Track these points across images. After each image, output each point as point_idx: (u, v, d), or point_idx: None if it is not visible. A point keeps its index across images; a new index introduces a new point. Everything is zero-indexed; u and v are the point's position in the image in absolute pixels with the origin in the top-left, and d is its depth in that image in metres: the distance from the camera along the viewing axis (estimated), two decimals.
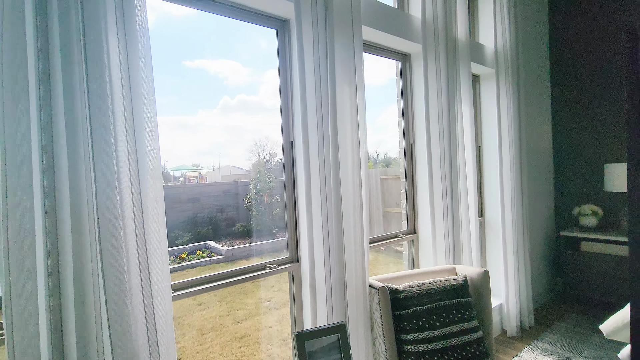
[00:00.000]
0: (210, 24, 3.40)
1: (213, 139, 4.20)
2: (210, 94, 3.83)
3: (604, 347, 2.26)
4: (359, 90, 1.58)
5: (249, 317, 3.54)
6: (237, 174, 5.25)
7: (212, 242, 4.56)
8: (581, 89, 3.16)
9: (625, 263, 2.67)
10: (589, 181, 3.14)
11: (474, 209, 2.16)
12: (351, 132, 1.56)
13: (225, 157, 4.63)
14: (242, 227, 4.93)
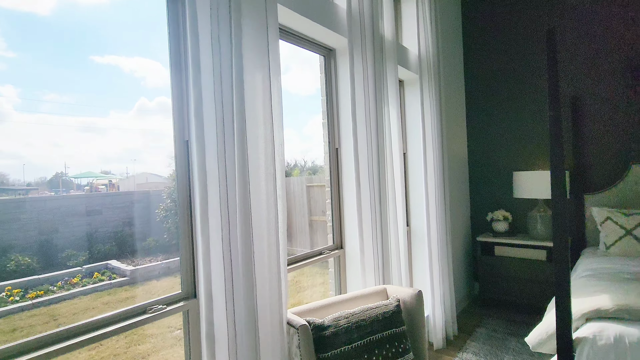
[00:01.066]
0: (125, 17, 2.83)
1: (127, 143, 3.54)
2: (124, 94, 3.28)
3: (520, 352, 2.30)
4: (274, 78, 1.27)
5: None
6: (155, 182, 4.52)
7: (114, 261, 3.82)
8: (492, 99, 3.34)
9: (533, 266, 2.83)
10: (500, 188, 3.31)
11: (402, 219, 2.02)
12: (264, 129, 1.25)
13: (141, 163, 3.94)
14: (154, 242, 4.25)
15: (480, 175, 3.43)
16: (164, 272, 3.90)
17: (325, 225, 2.07)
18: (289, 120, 5.50)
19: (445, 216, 2.53)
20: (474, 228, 3.47)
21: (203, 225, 1.09)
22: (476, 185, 3.46)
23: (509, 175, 3.23)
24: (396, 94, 2.02)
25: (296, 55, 5.71)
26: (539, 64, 3.08)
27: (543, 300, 2.75)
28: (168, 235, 4.05)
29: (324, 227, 2.07)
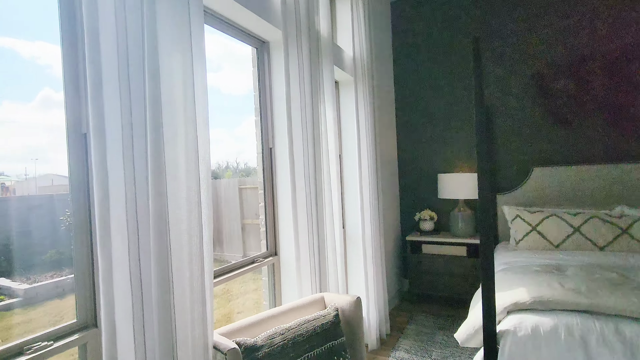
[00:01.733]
0: None
1: (28, 140, 2.91)
2: (23, 83, 2.70)
3: (447, 345, 2.42)
4: (198, 65, 1.10)
5: None
6: (63, 184, 3.89)
7: (3, 279, 3.15)
8: (419, 105, 3.52)
9: (455, 261, 3.02)
10: (426, 189, 3.49)
11: (339, 222, 1.97)
12: (186, 124, 1.07)
13: (45, 163, 3.28)
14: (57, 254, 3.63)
15: (408, 176, 3.59)
16: (71, 288, 3.35)
17: (259, 229, 1.93)
18: (221, 120, 5.17)
19: (379, 217, 2.56)
20: (403, 228, 3.61)
21: (103, 237, 0.88)
22: (405, 186, 3.60)
23: (435, 177, 3.42)
24: (332, 93, 1.97)
25: (229, 54, 5.40)
26: (462, 74, 3.32)
27: (465, 293, 2.96)
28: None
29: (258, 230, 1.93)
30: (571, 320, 1.42)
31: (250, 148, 2.01)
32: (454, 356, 2.27)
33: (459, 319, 2.82)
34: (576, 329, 1.39)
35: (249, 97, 1.93)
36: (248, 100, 1.97)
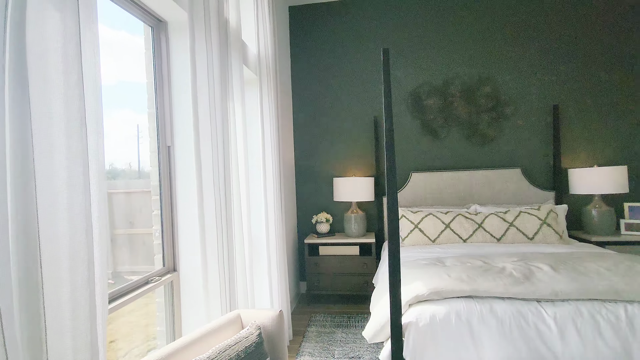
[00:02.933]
0: None
1: None
2: None
3: (346, 342, 2.52)
4: (86, 26, 0.83)
5: None
6: None
7: None
8: (317, 110, 3.62)
9: (349, 261, 3.19)
10: (323, 192, 3.61)
11: (247, 229, 1.82)
12: (66, 106, 0.79)
13: None
14: None
15: (306, 180, 3.64)
16: None
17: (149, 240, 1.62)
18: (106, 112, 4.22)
19: (282, 222, 2.50)
20: (300, 231, 3.64)
21: None
22: (302, 189, 3.65)
23: (330, 180, 3.57)
24: (242, 90, 1.82)
25: (114, 40, 4.50)
26: (358, 82, 3.55)
27: (358, 289, 3.16)
28: None
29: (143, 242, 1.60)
30: (459, 306, 1.64)
31: (141, 145, 1.68)
32: (354, 351, 2.39)
33: (355, 315, 3.00)
34: (463, 313, 1.62)
35: (117, 87, 1.62)
36: (118, 90, 1.64)
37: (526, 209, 2.86)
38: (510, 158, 3.32)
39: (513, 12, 3.29)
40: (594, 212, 2.93)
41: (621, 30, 3.14)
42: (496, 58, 3.32)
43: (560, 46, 3.23)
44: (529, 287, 1.66)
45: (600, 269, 1.79)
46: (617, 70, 3.15)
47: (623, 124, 3.16)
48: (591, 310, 1.55)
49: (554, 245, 2.59)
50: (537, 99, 3.27)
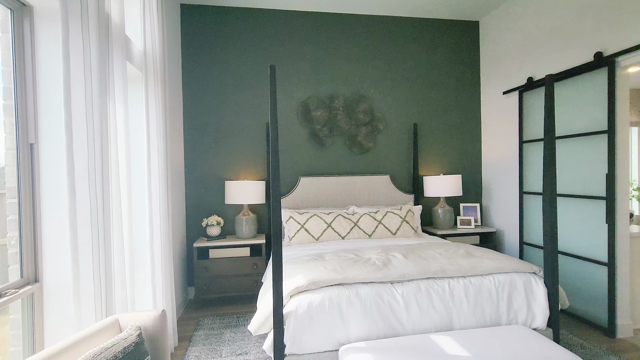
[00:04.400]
0: None
1: None
2: None
3: (234, 340, 2.60)
4: None
5: None
6: None
7: None
8: (207, 113, 3.58)
9: (240, 262, 3.26)
10: (214, 195, 3.59)
11: (129, 234, 1.75)
12: None
13: None
14: None
15: (197, 183, 3.57)
16: None
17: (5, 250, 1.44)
18: None
19: (169, 226, 2.43)
20: (189, 234, 3.54)
21: None
22: (192, 192, 3.56)
23: (222, 183, 3.58)
24: (124, 87, 1.75)
25: None
26: (250, 88, 3.65)
27: (249, 289, 3.25)
28: None
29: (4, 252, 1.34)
30: (331, 293, 1.92)
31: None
32: (242, 348, 2.48)
33: (245, 314, 3.08)
34: (334, 298, 1.89)
35: None
36: None
37: (391, 209, 3.41)
38: (382, 166, 3.90)
39: (384, 44, 3.89)
40: (440, 211, 3.68)
41: (464, 64, 4.04)
42: (372, 80, 3.87)
43: (420, 75, 3.96)
44: (386, 272, 2.04)
45: (435, 254, 2.32)
46: (459, 98, 4.04)
47: (460, 141, 4.05)
48: (427, 287, 2.01)
49: (410, 238, 3.17)
50: (402, 118, 3.93)
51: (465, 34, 4.04)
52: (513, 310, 2.05)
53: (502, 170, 3.74)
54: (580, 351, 2.33)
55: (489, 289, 2.04)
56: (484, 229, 3.68)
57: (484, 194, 4.04)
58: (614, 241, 2.52)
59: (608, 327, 2.56)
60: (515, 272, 2.13)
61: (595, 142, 2.65)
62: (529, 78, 3.25)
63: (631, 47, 2.34)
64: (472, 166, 4.07)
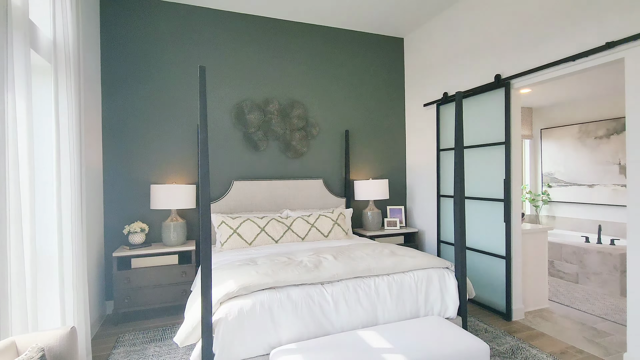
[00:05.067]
0: None
1: None
2: None
3: (159, 354, 2.44)
4: None
5: None
6: None
7: None
8: (131, 112, 3.33)
9: (167, 271, 3.08)
10: (137, 201, 3.33)
11: (31, 244, 1.55)
12: None
13: None
14: None
15: (117, 187, 3.28)
16: None
17: None
18: None
19: (82, 234, 2.20)
20: (108, 243, 3.24)
21: None
22: (112, 197, 3.26)
23: (147, 188, 3.34)
24: (27, 78, 1.56)
25: None
26: (180, 88, 3.47)
27: (177, 300, 3.08)
28: None
29: None
30: (263, 297, 1.92)
31: None
32: None
33: (172, 326, 2.91)
34: (266, 302, 1.90)
35: None
36: None
37: (324, 212, 3.53)
38: (315, 170, 4.00)
39: (319, 52, 4.02)
40: (369, 213, 3.90)
41: (391, 77, 4.35)
42: (307, 86, 3.96)
43: (352, 84, 4.16)
44: (317, 274, 2.11)
45: (363, 255, 2.46)
46: (387, 107, 4.33)
47: (388, 147, 4.35)
48: (355, 285, 2.12)
49: (341, 240, 3.31)
50: (335, 124, 4.09)
51: (392, 49, 4.36)
52: (429, 303, 2.27)
53: (423, 176, 4.10)
54: (484, 334, 2.66)
55: (410, 285, 2.23)
56: (407, 230, 3.99)
57: (408, 197, 4.38)
58: (510, 237, 2.93)
59: (506, 312, 2.96)
60: (432, 267, 2.36)
61: (496, 152, 3.06)
62: (445, 93, 3.63)
63: (522, 72, 2.77)
64: (398, 171, 4.39)
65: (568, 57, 2.43)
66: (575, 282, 3.99)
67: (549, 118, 5.63)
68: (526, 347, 2.47)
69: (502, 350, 2.42)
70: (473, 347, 1.80)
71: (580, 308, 3.22)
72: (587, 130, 5.06)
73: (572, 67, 2.45)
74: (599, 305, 3.30)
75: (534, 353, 2.38)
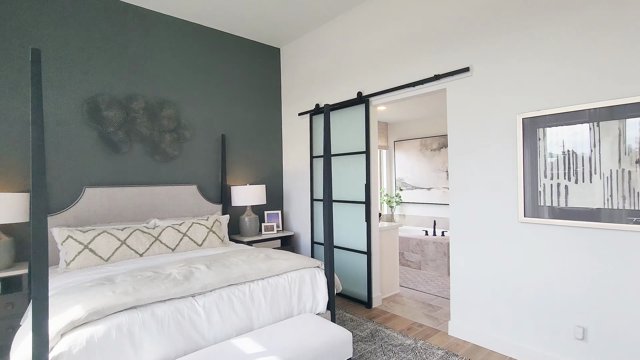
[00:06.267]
0: None
1: None
2: None
3: None
4: None
5: None
6: None
7: None
8: None
9: None
10: None
11: None
12: None
13: None
14: None
15: None
16: None
17: None
18: None
19: None
20: None
21: None
22: None
23: None
24: None
25: None
26: (8, 77, 2.76)
27: (1, 340, 2.43)
28: None
29: None
30: (121, 319, 1.70)
31: None
32: None
33: None
34: (124, 325, 1.69)
35: None
36: None
37: (198, 220, 3.34)
38: (189, 176, 3.76)
39: (196, 52, 3.81)
40: (247, 219, 3.89)
41: (269, 84, 4.43)
42: (180, 86, 3.69)
43: (230, 88, 4.08)
44: (187, 286, 1.99)
45: (238, 261, 2.44)
46: (265, 114, 4.40)
47: (265, 153, 4.42)
48: (229, 293, 2.09)
49: (216, 248, 3.20)
50: (212, 128, 3.94)
51: (270, 57, 4.47)
52: (302, 301, 2.41)
53: (298, 181, 4.32)
54: (350, 323, 2.98)
55: (284, 286, 2.32)
56: (284, 233, 4.13)
57: (285, 202, 4.55)
58: (370, 235, 3.36)
59: (367, 301, 3.38)
60: (304, 268, 2.51)
61: (359, 160, 3.48)
62: (317, 104, 3.93)
63: (378, 92, 3.23)
64: (275, 176, 4.51)
65: (410, 83, 2.96)
66: (419, 268, 4.84)
67: (400, 132, 6.69)
68: (382, 329, 2.86)
69: (364, 336, 2.75)
70: (338, 336, 1.99)
71: (422, 290, 3.92)
72: (426, 144, 6.23)
73: (413, 92, 3.00)
74: (434, 285, 4.09)
75: (388, 333, 2.78)
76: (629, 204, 1.94)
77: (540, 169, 2.28)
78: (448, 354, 2.44)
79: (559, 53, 2.19)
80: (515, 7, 2.37)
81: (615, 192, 1.99)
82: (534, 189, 2.30)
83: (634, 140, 1.92)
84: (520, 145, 2.35)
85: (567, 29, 2.15)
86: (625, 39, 1.94)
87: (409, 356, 2.42)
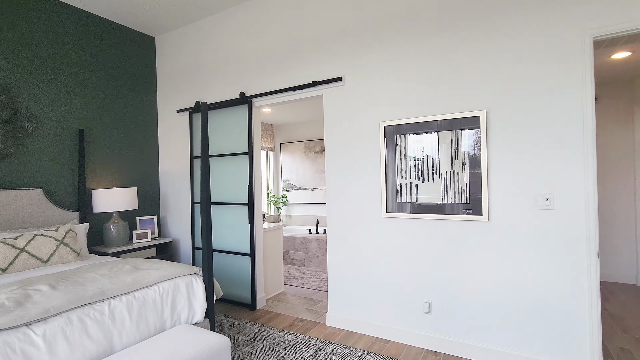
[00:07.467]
0: None
1: None
2: None
3: None
4: None
5: None
6: None
7: None
8: None
9: None
10: None
11: None
12: None
13: None
14: None
15: None
16: None
17: None
18: None
19: None
20: None
21: None
22: None
23: None
24: None
25: None
26: None
27: None
28: None
29: None
30: None
31: None
32: None
33: None
34: None
35: None
36: None
37: (43, 231, 2.76)
38: (32, 178, 3.08)
39: (44, 29, 3.13)
40: (113, 227, 3.39)
41: (142, 76, 3.95)
42: (18, 67, 2.98)
43: (91, 76, 3.49)
44: (19, 313, 1.62)
45: (96, 275, 2.11)
46: (136, 109, 3.91)
47: (137, 153, 3.94)
48: (81, 315, 1.78)
49: (68, 264, 2.70)
50: (65, 121, 3.31)
51: (144, 47, 4.01)
52: (177, 313, 2.23)
53: (177, 183, 3.99)
54: (233, 328, 2.90)
55: (154, 299, 2.11)
56: (161, 240, 3.76)
57: (162, 206, 4.15)
58: (254, 236, 3.35)
59: (251, 303, 3.35)
60: (179, 276, 2.33)
61: (242, 161, 3.42)
62: (197, 102, 3.71)
63: (261, 93, 3.24)
64: (150, 178, 4.07)
65: (291, 87, 3.06)
66: (303, 265, 5.04)
67: (286, 134, 6.86)
68: (265, 329, 2.88)
69: (246, 339, 2.71)
70: (215, 344, 1.92)
71: (305, 286, 4.10)
72: (310, 146, 6.55)
73: (293, 96, 3.11)
74: (316, 280, 4.32)
75: (270, 332, 2.81)
76: (459, 198, 2.42)
77: (398, 170, 2.64)
78: (325, 343, 2.61)
79: (413, 71, 2.58)
80: (381, 27, 2.70)
81: (449, 189, 2.45)
82: (394, 188, 2.66)
83: (465, 147, 2.40)
84: (384, 150, 2.69)
85: (422, 51, 2.56)
86: (457, 66, 2.42)
87: (290, 352, 2.49)
